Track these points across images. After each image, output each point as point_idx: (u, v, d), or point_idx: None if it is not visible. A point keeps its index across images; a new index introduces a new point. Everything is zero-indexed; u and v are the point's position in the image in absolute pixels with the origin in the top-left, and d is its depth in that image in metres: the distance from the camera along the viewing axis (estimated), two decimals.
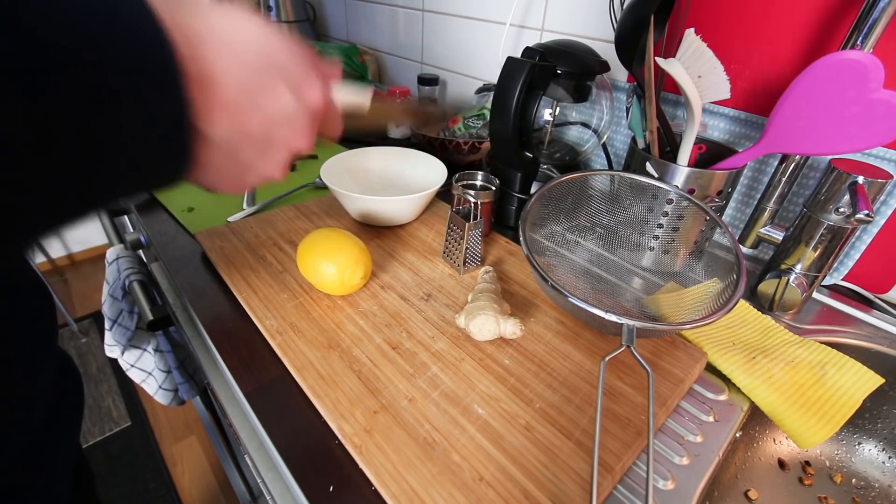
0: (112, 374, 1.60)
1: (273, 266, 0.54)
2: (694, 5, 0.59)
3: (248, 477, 0.86)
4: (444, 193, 0.75)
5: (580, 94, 0.65)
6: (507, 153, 0.61)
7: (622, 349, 0.38)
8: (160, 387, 0.81)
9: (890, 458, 0.51)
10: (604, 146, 0.74)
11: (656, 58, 0.49)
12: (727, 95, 0.47)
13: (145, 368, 0.80)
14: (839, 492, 0.50)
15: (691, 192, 0.52)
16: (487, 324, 0.43)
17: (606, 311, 0.38)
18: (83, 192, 0.19)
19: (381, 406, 0.38)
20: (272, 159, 0.27)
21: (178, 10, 0.21)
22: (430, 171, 0.67)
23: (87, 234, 2.14)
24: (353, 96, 0.33)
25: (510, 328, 0.44)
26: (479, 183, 0.61)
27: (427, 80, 1.02)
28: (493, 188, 0.59)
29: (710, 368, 0.46)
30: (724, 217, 0.65)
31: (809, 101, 0.43)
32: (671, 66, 0.47)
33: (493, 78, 0.91)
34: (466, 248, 0.53)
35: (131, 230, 0.87)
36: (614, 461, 0.35)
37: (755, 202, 0.59)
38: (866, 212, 0.43)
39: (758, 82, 0.57)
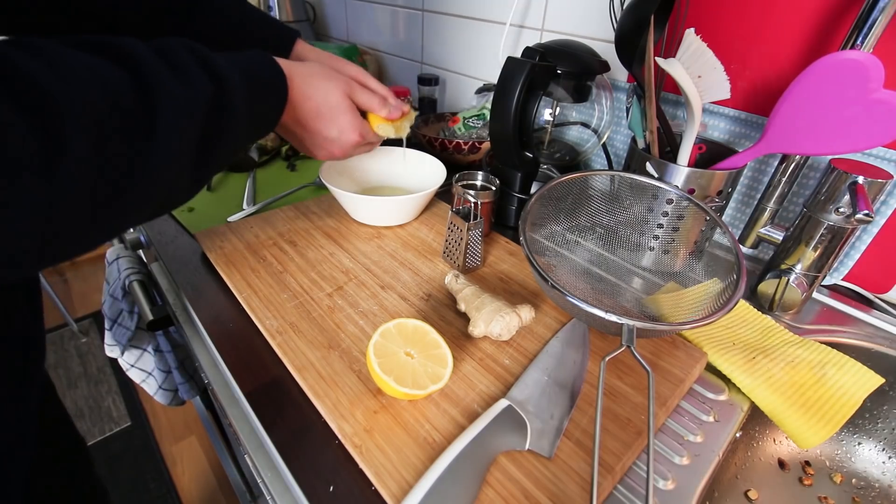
0: (112, 374, 1.60)
1: (273, 266, 0.54)
2: (694, 5, 0.59)
3: (248, 477, 0.86)
4: (444, 193, 0.75)
5: (580, 94, 0.65)
6: (507, 153, 0.61)
7: (622, 349, 0.38)
8: (160, 387, 0.81)
9: (890, 458, 0.51)
10: (604, 146, 0.74)
11: (656, 58, 0.49)
12: (727, 95, 0.47)
13: (145, 368, 0.80)
14: (839, 492, 0.50)
15: (691, 192, 0.52)
16: (513, 321, 0.44)
17: (606, 311, 0.38)
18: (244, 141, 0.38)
19: (381, 406, 0.38)
20: (325, 150, 0.49)
21: (293, 68, 0.42)
22: (430, 171, 0.67)
23: None
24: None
25: (527, 314, 0.45)
26: (479, 183, 0.61)
27: (427, 80, 1.02)
28: (493, 188, 0.59)
29: (710, 368, 0.46)
30: (724, 217, 0.65)
31: (809, 100, 0.43)
32: (671, 66, 0.47)
33: (493, 78, 0.91)
34: (466, 248, 0.53)
35: (131, 230, 0.87)
36: (614, 461, 0.35)
37: (755, 202, 0.59)
38: (866, 212, 0.43)
39: (758, 82, 0.57)
